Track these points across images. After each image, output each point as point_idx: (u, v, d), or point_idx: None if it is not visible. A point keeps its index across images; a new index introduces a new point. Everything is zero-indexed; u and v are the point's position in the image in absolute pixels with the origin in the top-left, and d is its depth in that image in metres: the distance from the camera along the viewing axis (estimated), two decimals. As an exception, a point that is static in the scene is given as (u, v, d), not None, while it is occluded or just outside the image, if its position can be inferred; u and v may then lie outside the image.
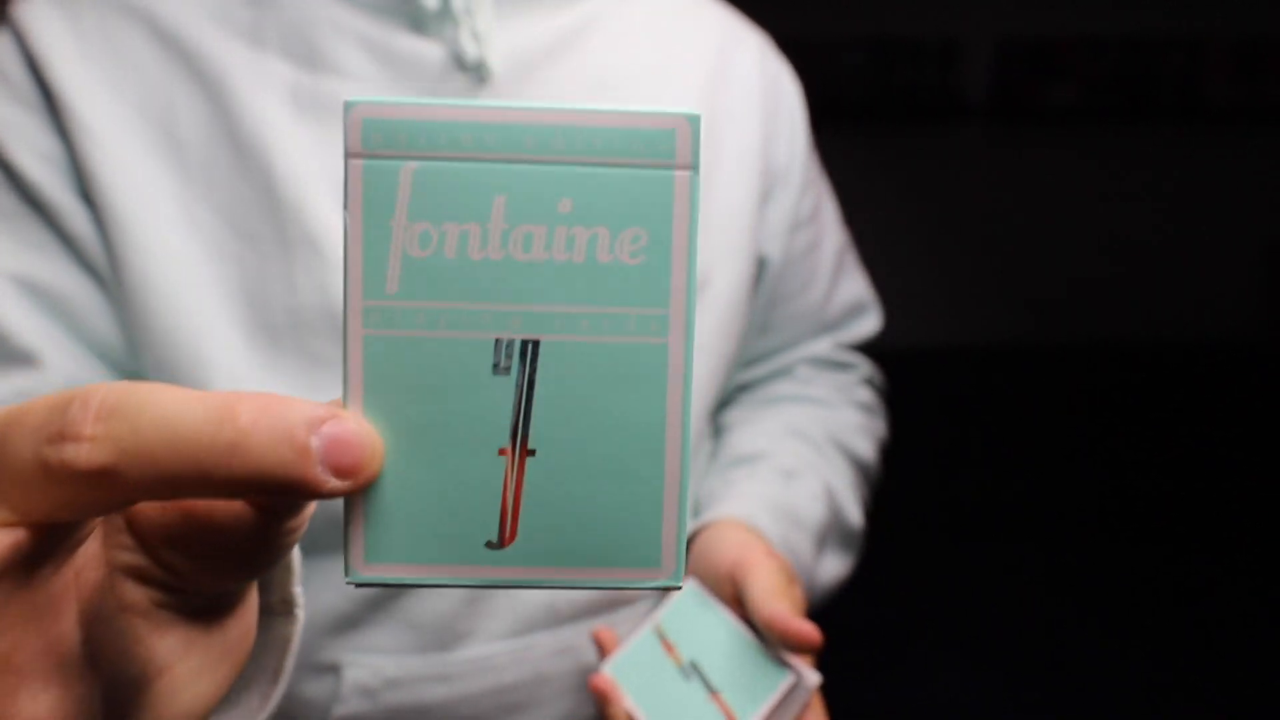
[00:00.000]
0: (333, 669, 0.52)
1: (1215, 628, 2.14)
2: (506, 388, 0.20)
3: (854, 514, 0.65)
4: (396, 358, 0.20)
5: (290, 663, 0.28)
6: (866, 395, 0.73)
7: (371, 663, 0.52)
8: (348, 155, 0.19)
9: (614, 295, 0.20)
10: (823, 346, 0.71)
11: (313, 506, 0.23)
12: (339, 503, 0.50)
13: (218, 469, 0.18)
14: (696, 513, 0.62)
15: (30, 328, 0.47)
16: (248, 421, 0.18)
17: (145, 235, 0.47)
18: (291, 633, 0.27)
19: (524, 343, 0.20)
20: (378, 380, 0.20)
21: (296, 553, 0.28)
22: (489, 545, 0.20)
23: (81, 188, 0.48)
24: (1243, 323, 4.04)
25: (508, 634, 0.54)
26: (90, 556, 0.21)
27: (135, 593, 0.22)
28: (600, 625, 0.57)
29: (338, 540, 0.51)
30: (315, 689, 0.53)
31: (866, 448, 0.70)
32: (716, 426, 0.72)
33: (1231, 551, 2.45)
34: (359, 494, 0.20)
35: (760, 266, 0.63)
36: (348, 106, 0.19)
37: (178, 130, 0.49)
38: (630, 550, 0.20)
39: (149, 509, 0.21)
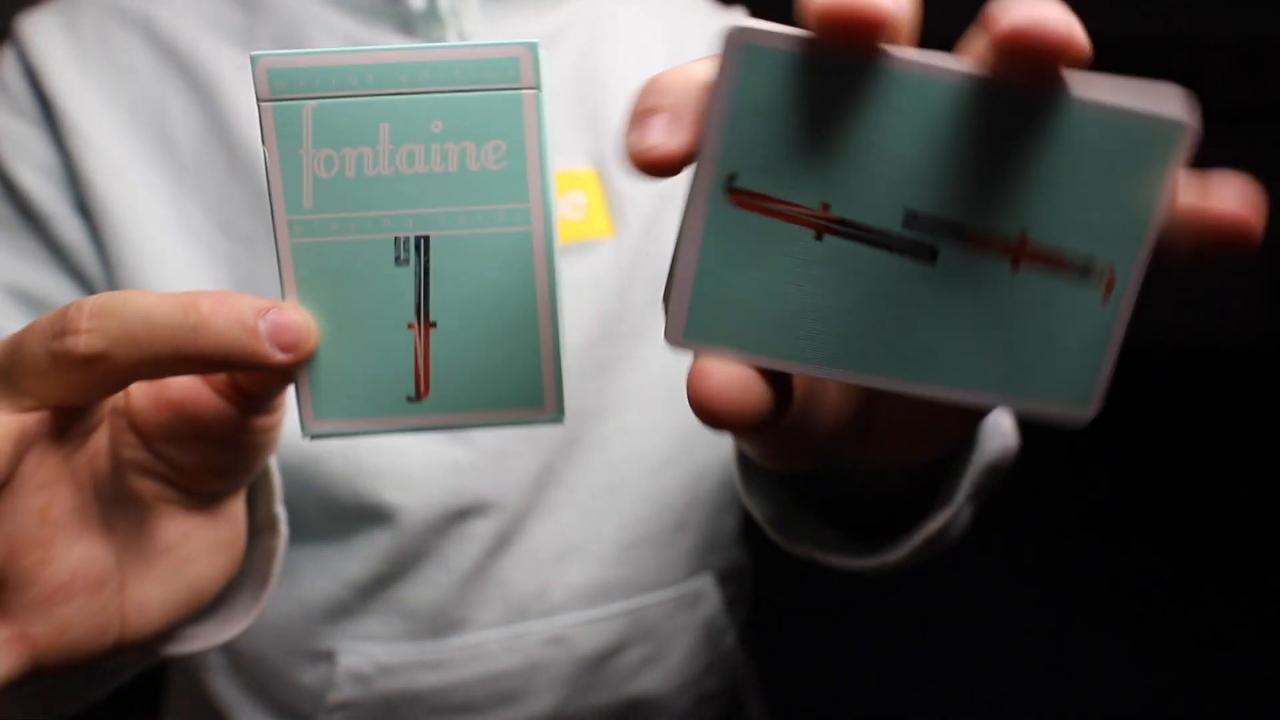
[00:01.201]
0: (327, 656, 0.53)
1: (1216, 628, 2.15)
2: (408, 275, 0.24)
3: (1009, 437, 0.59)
4: (318, 259, 0.24)
5: (277, 568, 0.33)
6: None
7: (365, 650, 0.53)
8: (259, 100, 0.24)
9: (485, 195, 0.24)
10: None
11: (282, 411, 0.28)
12: (327, 493, 0.51)
13: (187, 347, 0.22)
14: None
15: None
16: (207, 309, 0.22)
17: (139, 237, 0.48)
18: (276, 545, 0.32)
19: (417, 239, 0.24)
20: (306, 277, 0.24)
21: (277, 478, 0.33)
22: (409, 400, 0.25)
23: (77, 198, 0.49)
24: (1243, 323, 4.04)
25: (499, 622, 0.54)
26: (100, 449, 0.26)
27: (140, 484, 0.27)
28: None
29: (330, 529, 0.52)
30: (310, 676, 0.53)
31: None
32: None
33: (1232, 552, 2.45)
34: (303, 367, 0.24)
35: None
36: (254, 60, 0.24)
37: (171, 133, 0.50)
38: (519, 395, 0.25)
39: (146, 408, 0.26)
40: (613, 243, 0.55)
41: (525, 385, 0.25)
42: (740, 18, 0.64)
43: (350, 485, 0.51)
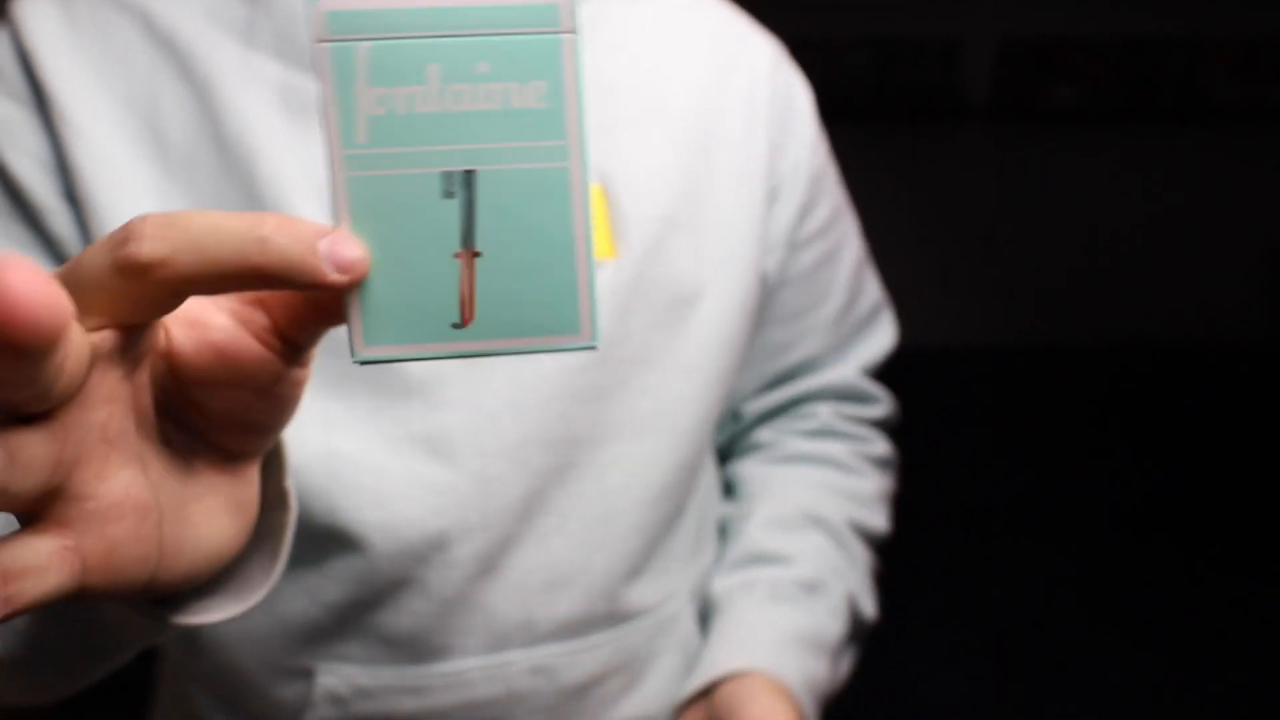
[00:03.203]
0: (305, 673, 0.52)
1: (1217, 628, 2.15)
2: (455, 208, 0.26)
3: (869, 609, 0.65)
4: (370, 191, 0.26)
5: (287, 541, 0.33)
6: (883, 448, 0.71)
7: (343, 671, 0.52)
8: (316, 40, 0.25)
9: (527, 132, 0.26)
10: (844, 372, 0.69)
11: (310, 367, 0.29)
12: (303, 510, 0.50)
13: (253, 256, 0.23)
14: (714, 607, 0.61)
15: None
16: (273, 226, 0.23)
17: None
18: (286, 520, 0.33)
19: (464, 173, 0.26)
20: (359, 209, 0.26)
21: (288, 453, 0.34)
22: (454, 326, 0.26)
23: (67, 186, 0.48)
24: (1243, 323, 4.04)
25: (482, 650, 0.53)
26: (144, 384, 0.26)
27: (174, 433, 0.28)
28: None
29: (310, 552, 0.51)
30: (288, 692, 0.52)
31: (882, 521, 0.69)
32: (728, 479, 0.70)
33: (1233, 552, 2.45)
34: (354, 294, 0.26)
35: (761, 281, 0.62)
36: (311, 2, 0.25)
37: (162, 126, 0.49)
38: (557, 321, 0.27)
39: (188, 350, 0.26)
40: (613, 264, 0.53)
41: (563, 312, 0.26)
42: (744, 20, 0.64)
43: (327, 502, 0.49)
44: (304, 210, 0.48)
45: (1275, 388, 3.58)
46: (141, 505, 0.26)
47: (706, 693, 0.57)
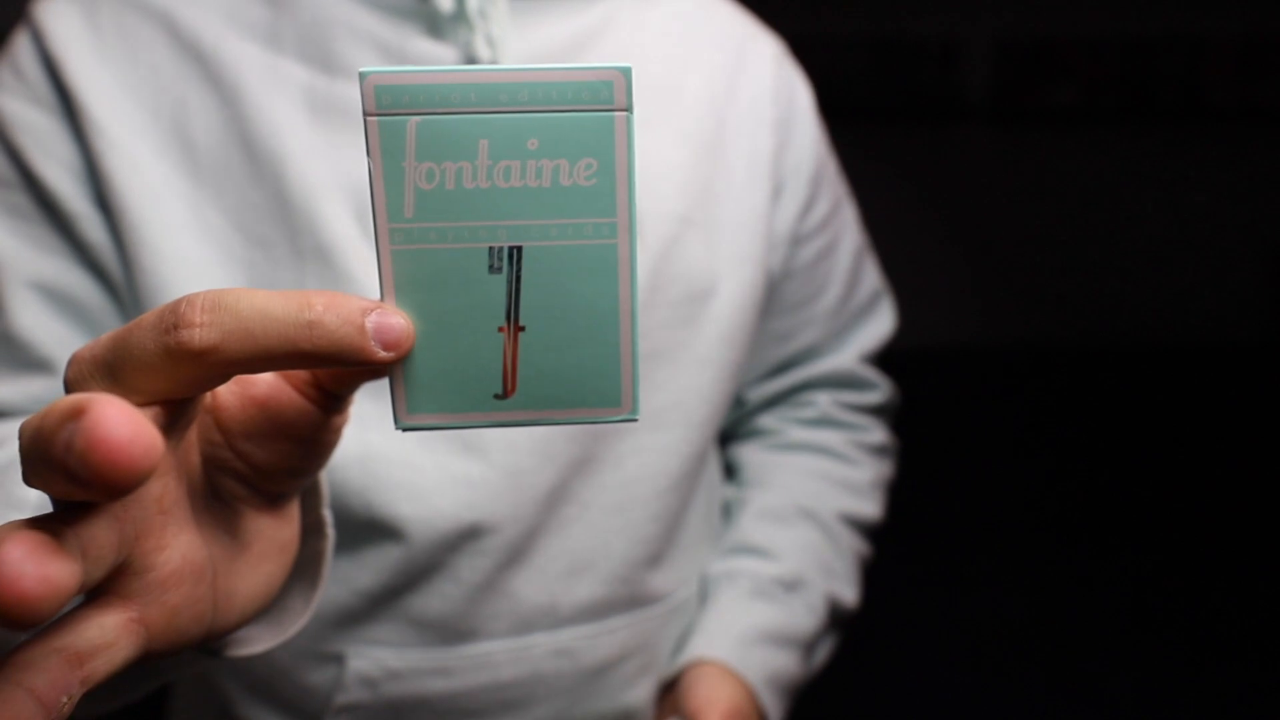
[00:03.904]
0: (336, 658, 0.53)
1: (1218, 627, 2.15)
2: (500, 282, 0.26)
3: (851, 599, 0.67)
4: (416, 265, 0.26)
5: (326, 570, 0.34)
6: (879, 436, 0.73)
7: (375, 654, 0.53)
8: (365, 114, 0.25)
9: (576, 209, 0.26)
10: (843, 360, 0.71)
11: (349, 411, 0.29)
12: (341, 504, 0.51)
13: (302, 342, 0.24)
14: (705, 592, 0.64)
15: (48, 334, 0.48)
16: (321, 308, 0.24)
17: (157, 236, 0.48)
18: (324, 548, 0.34)
19: (510, 249, 0.26)
20: (405, 281, 0.26)
21: (325, 484, 0.34)
22: (496, 397, 0.27)
23: (97, 192, 0.48)
24: (1243, 323, 4.04)
25: (508, 633, 0.55)
26: (191, 444, 0.27)
27: (222, 481, 0.28)
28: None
29: (346, 543, 0.53)
30: (318, 677, 0.54)
31: (875, 509, 0.71)
32: (730, 461, 0.73)
33: (1233, 553, 2.46)
34: (398, 365, 0.26)
35: (767, 276, 0.64)
36: (362, 76, 0.25)
37: (189, 132, 0.49)
38: (599, 395, 0.27)
39: (232, 405, 0.27)
40: None
41: (605, 386, 0.27)
42: (750, 19, 0.64)
43: (364, 498, 0.51)
44: (334, 219, 0.49)
45: (1275, 387, 3.58)
46: (198, 568, 0.26)
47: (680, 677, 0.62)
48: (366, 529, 0.51)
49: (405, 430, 0.27)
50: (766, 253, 0.61)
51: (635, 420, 0.28)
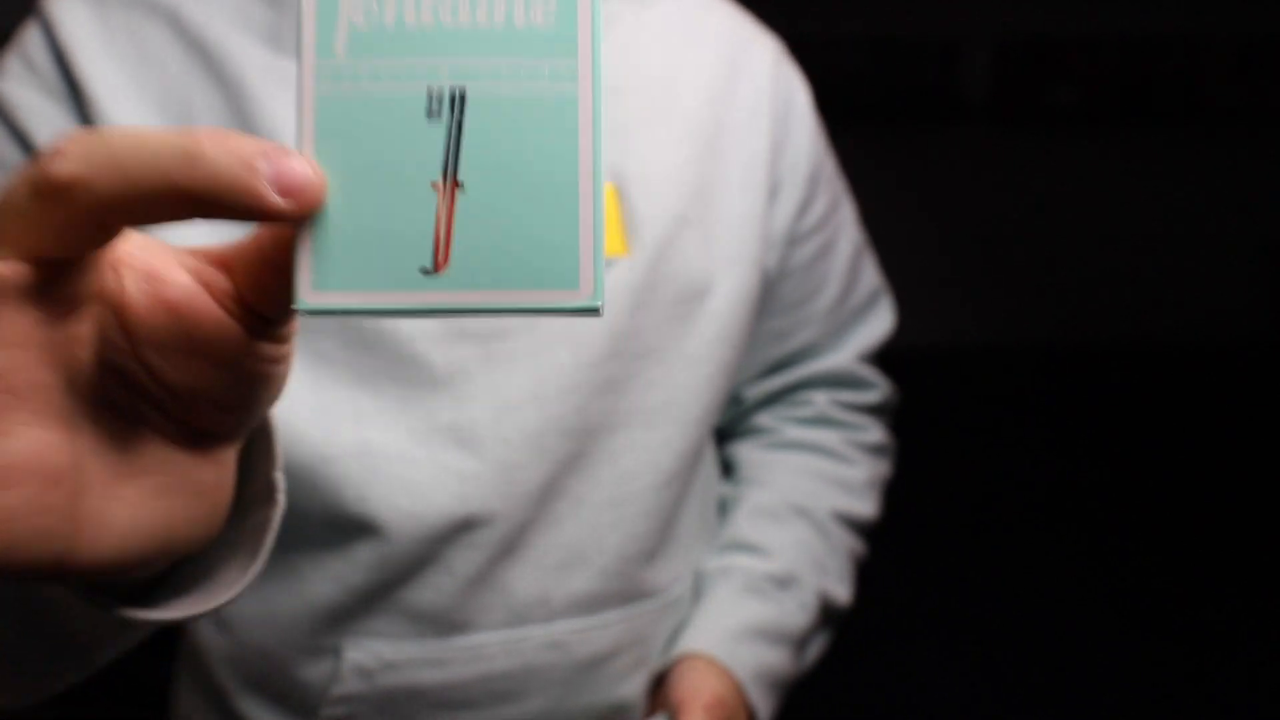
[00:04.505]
0: (332, 650, 0.54)
1: (1218, 627, 2.15)
2: (438, 131, 0.22)
3: (843, 597, 0.68)
4: (342, 110, 0.22)
5: (269, 541, 0.30)
6: (876, 435, 0.73)
7: (371, 646, 0.54)
8: None
9: (530, 50, 0.22)
10: (840, 359, 0.71)
11: (292, 345, 0.25)
12: (334, 499, 0.51)
13: (178, 175, 0.20)
14: (699, 587, 0.65)
15: None
16: (206, 141, 0.20)
17: (164, 233, 0.48)
18: (272, 516, 0.30)
19: (453, 90, 0.22)
20: (327, 129, 0.22)
21: (278, 443, 0.30)
22: (424, 271, 0.22)
23: None
24: (1243, 323, 4.04)
25: (501, 625, 0.55)
26: (83, 337, 0.23)
27: (121, 395, 0.24)
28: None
29: (333, 539, 0.53)
30: (313, 671, 0.54)
31: (870, 507, 0.71)
32: (727, 459, 0.73)
33: (1233, 552, 2.46)
34: (306, 228, 0.22)
35: (763, 276, 0.64)
36: None
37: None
38: (552, 273, 0.22)
39: (139, 304, 0.23)
40: (626, 261, 0.55)
41: (560, 262, 0.22)
42: (748, 20, 0.64)
43: (360, 491, 0.51)
44: None
45: (1275, 387, 3.58)
46: (48, 472, 0.22)
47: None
48: (357, 526, 0.52)
49: (309, 313, 0.22)
50: (763, 252, 0.62)
51: (597, 311, 0.22)
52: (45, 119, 0.49)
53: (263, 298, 0.24)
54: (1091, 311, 4.05)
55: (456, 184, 0.22)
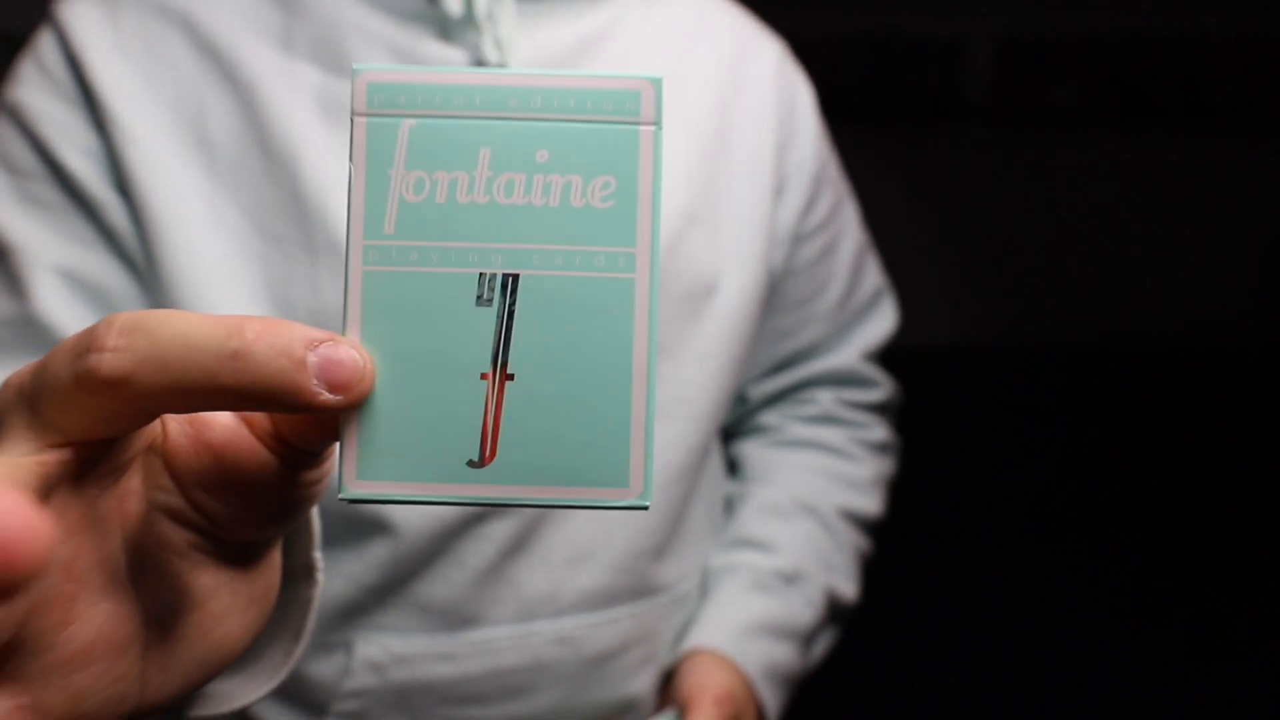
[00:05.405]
0: (344, 646, 0.55)
1: (1218, 627, 2.15)
2: (489, 318, 0.22)
3: (850, 594, 0.69)
4: (391, 291, 0.22)
5: (311, 621, 0.30)
6: (880, 433, 0.74)
7: (382, 640, 0.54)
8: (354, 114, 0.22)
9: (586, 235, 0.22)
10: (844, 358, 0.72)
11: (331, 462, 0.25)
12: (356, 508, 0.51)
13: (223, 375, 0.20)
14: (706, 583, 0.65)
15: (73, 319, 0.49)
16: (252, 335, 0.20)
17: (176, 232, 0.49)
18: (313, 595, 0.30)
19: (505, 277, 0.22)
20: (373, 311, 0.22)
21: (316, 521, 0.30)
22: (470, 464, 0.22)
23: (119, 183, 0.49)
24: (1243, 323, 4.04)
25: (510, 619, 0.56)
26: (132, 491, 0.23)
27: (173, 532, 0.24)
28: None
29: (345, 535, 0.53)
30: (325, 667, 0.55)
31: (875, 505, 0.72)
32: (732, 457, 0.74)
33: (1233, 552, 2.46)
34: (353, 415, 0.21)
35: (769, 274, 0.65)
36: (355, 72, 0.22)
37: (208, 131, 0.50)
38: (600, 471, 0.22)
39: (183, 450, 0.23)
40: None
41: (608, 459, 0.22)
42: (752, 20, 0.65)
43: None
44: (344, 211, 0.49)
45: (1275, 387, 3.58)
46: (118, 644, 0.22)
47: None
48: (370, 525, 0.52)
49: (350, 502, 0.22)
50: (768, 250, 0.62)
51: (645, 508, 0.22)
52: (61, 125, 0.49)
53: (301, 438, 0.23)
54: (1092, 311, 4.05)
55: (507, 375, 0.21)
